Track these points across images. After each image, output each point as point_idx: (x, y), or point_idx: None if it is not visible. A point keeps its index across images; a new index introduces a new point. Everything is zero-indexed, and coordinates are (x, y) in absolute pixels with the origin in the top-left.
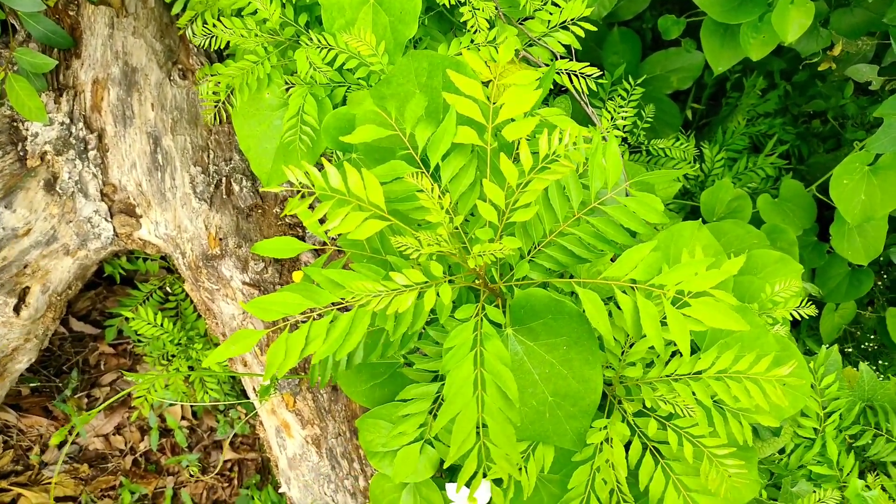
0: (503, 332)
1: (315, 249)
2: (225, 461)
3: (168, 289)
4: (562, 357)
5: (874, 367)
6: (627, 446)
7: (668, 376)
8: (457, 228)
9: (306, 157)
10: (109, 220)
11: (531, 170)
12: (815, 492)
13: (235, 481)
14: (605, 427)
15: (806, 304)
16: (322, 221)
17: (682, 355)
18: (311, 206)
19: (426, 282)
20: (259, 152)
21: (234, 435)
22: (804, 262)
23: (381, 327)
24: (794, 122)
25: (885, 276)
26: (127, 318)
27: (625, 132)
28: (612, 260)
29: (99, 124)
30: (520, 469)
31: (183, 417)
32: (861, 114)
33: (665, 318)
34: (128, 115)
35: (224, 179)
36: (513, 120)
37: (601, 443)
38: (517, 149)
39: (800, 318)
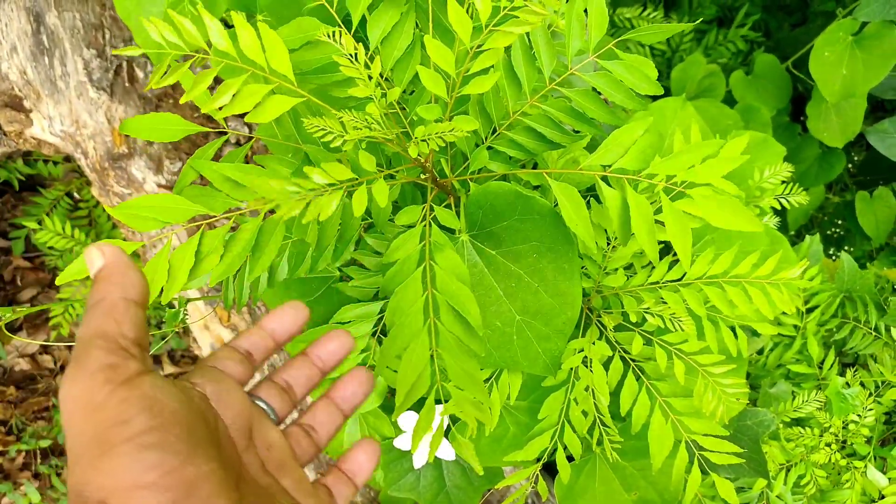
0: (458, 240)
1: (237, 141)
2: (166, 375)
3: (76, 195)
4: (531, 267)
5: (839, 254)
6: (606, 365)
7: (654, 283)
8: (393, 107)
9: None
10: None
11: (490, 19)
12: (794, 392)
13: None
14: (582, 350)
15: (797, 190)
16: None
17: (678, 260)
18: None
19: (355, 178)
20: (142, 17)
21: (170, 349)
22: None
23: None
24: None
25: (855, 159)
26: (34, 230)
27: None
28: (590, 145)
29: None
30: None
31: None
32: None
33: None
34: None
35: (125, 64)
36: None
37: (577, 367)
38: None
39: (788, 207)
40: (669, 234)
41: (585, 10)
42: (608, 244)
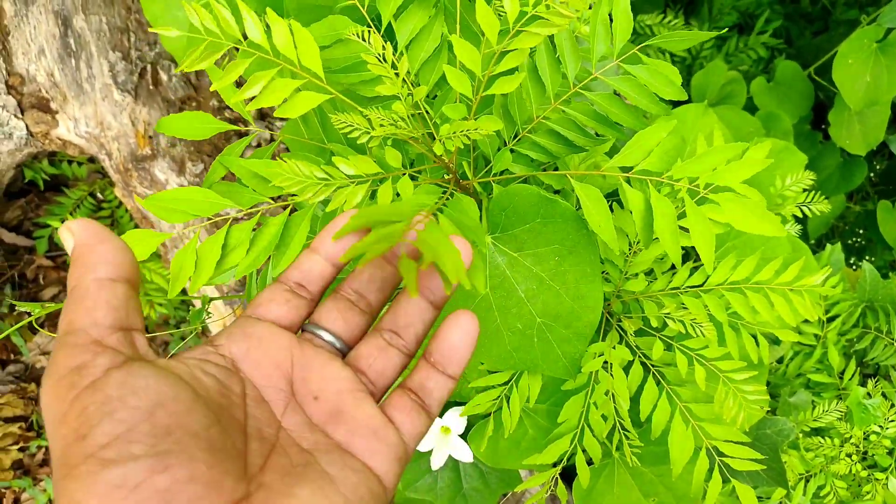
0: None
1: (258, 143)
2: None
3: (100, 195)
4: (553, 270)
5: (860, 264)
6: (627, 370)
7: (675, 289)
8: (418, 108)
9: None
10: (20, 116)
11: (517, 20)
12: (813, 402)
13: None
14: (602, 354)
15: (819, 198)
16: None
17: (700, 266)
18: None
19: (379, 173)
20: (169, 21)
21: (188, 348)
22: None
23: None
24: (782, 1)
25: (877, 168)
26: (57, 230)
27: None
28: (612, 150)
29: None
30: (502, 401)
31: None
32: None
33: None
34: None
35: (149, 67)
36: None
37: (597, 371)
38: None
39: (810, 215)
40: (693, 237)
41: (610, 16)
42: (630, 249)
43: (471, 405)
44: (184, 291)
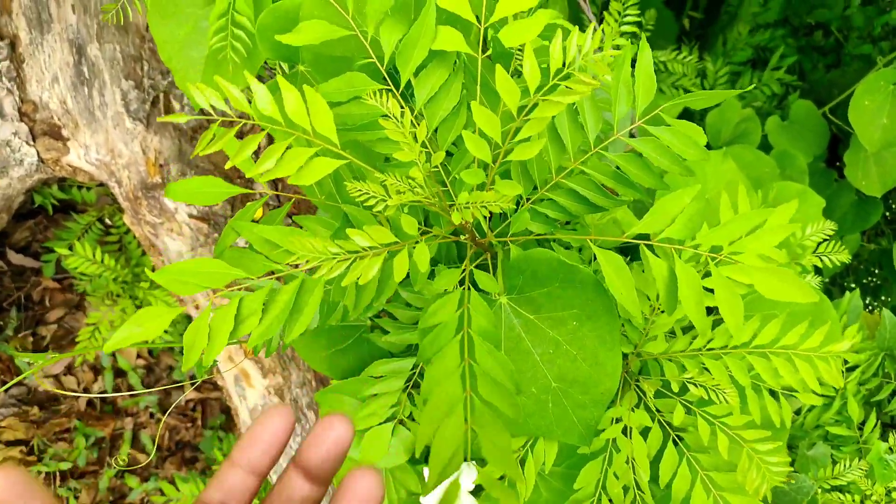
0: (496, 302)
1: (273, 197)
2: (187, 401)
3: (108, 220)
4: (570, 334)
5: (876, 304)
6: (645, 433)
7: (697, 350)
8: (436, 167)
9: (241, 69)
10: (32, 143)
11: (538, 89)
12: (833, 455)
13: (199, 421)
14: (620, 419)
15: (838, 247)
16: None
17: (721, 322)
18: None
19: (396, 241)
20: (184, 62)
21: (192, 373)
22: None
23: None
24: (795, 34)
25: (892, 206)
26: (64, 256)
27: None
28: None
29: (10, 30)
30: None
31: (139, 356)
32: (868, 25)
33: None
34: (44, 19)
35: (162, 96)
36: (514, 17)
37: (614, 438)
38: (516, 61)
39: (830, 265)
40: (719, 304)
41: (633, 74)
42: (651, 310)
43: (481, 475)
44: None
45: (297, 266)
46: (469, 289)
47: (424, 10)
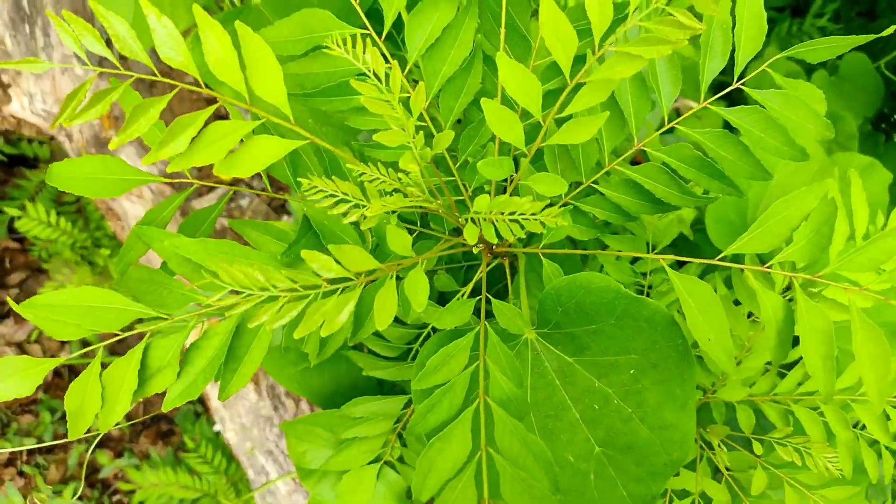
0: (520, 339)
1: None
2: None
3: None
4: (625, 387)
5: None
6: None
7: (781, 395)
8: (439, 153)
9: (181, 3)
10: None
11: (605, 36)
12: None
13: None
14: (686, 492)
15: None
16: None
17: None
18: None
19: (376, 270)
20: (113, 9)
21: None
22: None
23: None
24: None
25: None
26: (16, 217)
27: None
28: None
29: None
30: None
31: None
32: None
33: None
34: None
35: None
36: None
37: None
38: None
39: None
40: (858, 357)
41: (733, 16)
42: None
43: None
44: None
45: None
46: (486, 327)
47: None
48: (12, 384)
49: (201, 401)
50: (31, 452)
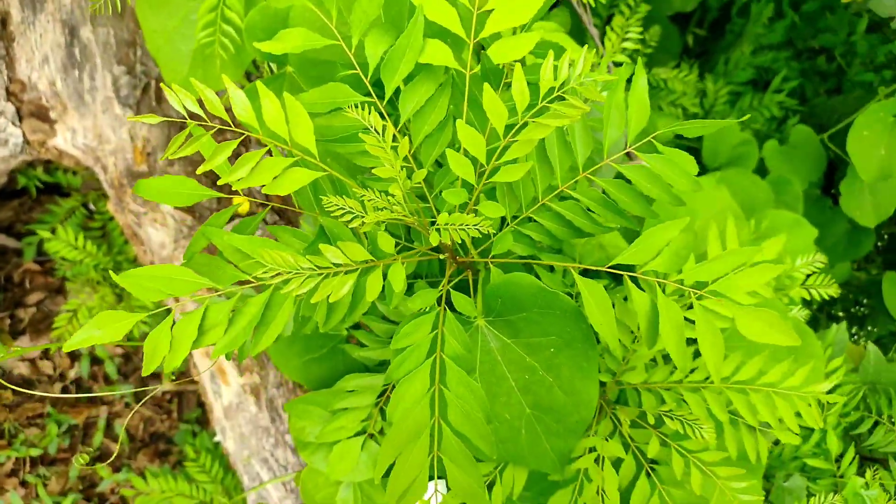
0: (472, 324)
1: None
2: (164, 392)
3: (93, 206)
4: (547, 362)
5: (862, 333)
6: (617, 464)
7: (676, 382)
8: (418, 183)
9: (229, 66)
10: (18, 124)
11: (527, 110)
12: (808, 488)
13: (175, 413)
14: (594, 448)
15: (828, 280)
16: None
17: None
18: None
19: (370, 260)
20: (171, 55)
21: None
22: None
23: None
24: (798, 57)
25: (884, 237)
26: (47, 239)
27: (627, 58)
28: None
29: (2, 7)
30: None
31: (117, 344)
32: (871, 53)
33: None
34: None
35: (153, 82)
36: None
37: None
38: (507, 77)
39: (819, 299)
40: (700, 340)
41: (626, 99)
42: (632, 339)
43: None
44: None
45: (266, 278)
46: (445, 310)
47: (412, 21)
48: (108, 331)
49: (205, 414)
50: (34, 463)
